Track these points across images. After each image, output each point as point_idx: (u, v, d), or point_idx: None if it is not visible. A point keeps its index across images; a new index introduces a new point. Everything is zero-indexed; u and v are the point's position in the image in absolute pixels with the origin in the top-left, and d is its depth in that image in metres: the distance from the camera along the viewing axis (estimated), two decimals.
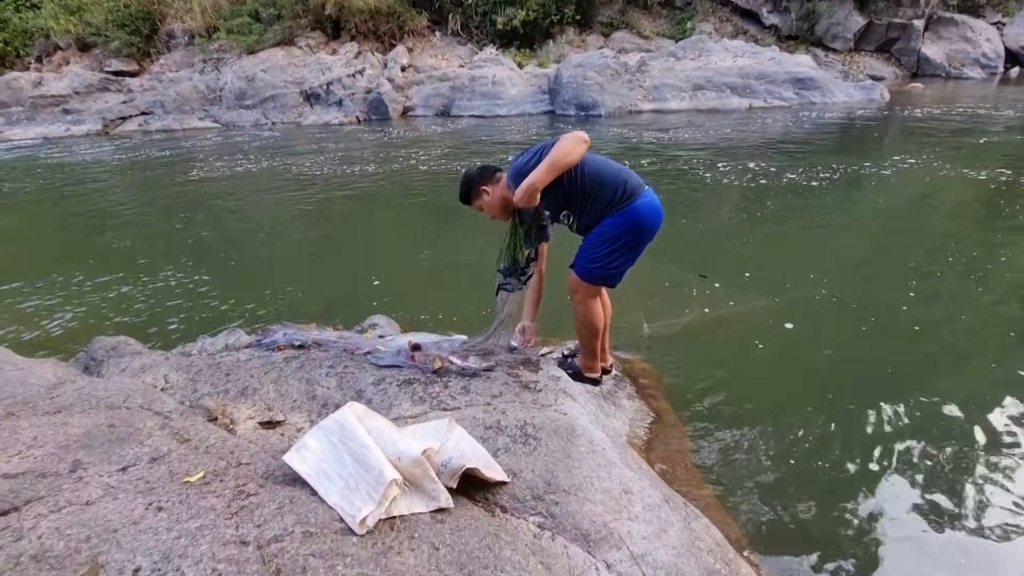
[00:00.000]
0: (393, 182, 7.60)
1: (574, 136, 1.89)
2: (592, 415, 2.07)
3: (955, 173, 6.29)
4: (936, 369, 2.71)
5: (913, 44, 14.93)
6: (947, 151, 7.37)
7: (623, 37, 15.43)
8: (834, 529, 1.91)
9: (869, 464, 2.17)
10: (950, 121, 9.61)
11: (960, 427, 2.34)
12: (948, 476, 2.11)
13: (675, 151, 8.31)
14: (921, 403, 2.48)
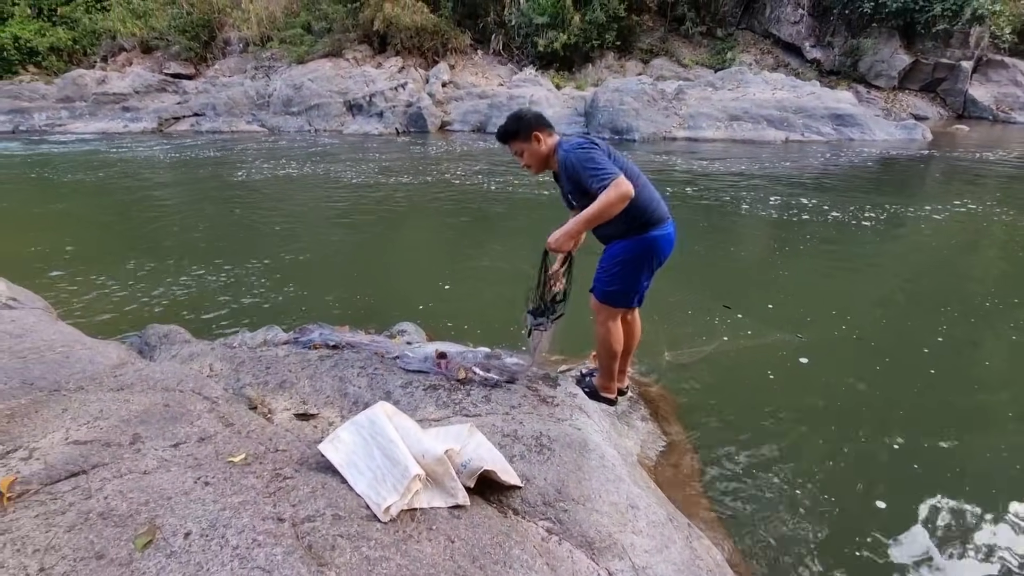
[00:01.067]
0: (427, 194, 7.84)
1: (622, 193, 1.92)
2: (605, 433, 2.16)
3: (997, 219, 6.19)
4: (946, 415, 2.71)
5: (960, 85, 14.68)
6: (990, 196, 7.24)
7: (662, 64, 15.59)
8: (832, 560, 1.95)
9: (872, 501, 2.20)
10: (995, 165, 9.41)
11: (963, 476, 2.34)
12: (947, 520, 2.12)
13: (708, 179, 8.36)
14: (926, 448, 2.49)
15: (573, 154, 2.04)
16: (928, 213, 6.38)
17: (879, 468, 2.40)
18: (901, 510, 2.17)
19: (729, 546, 1.98)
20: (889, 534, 2.06)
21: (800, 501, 2.21)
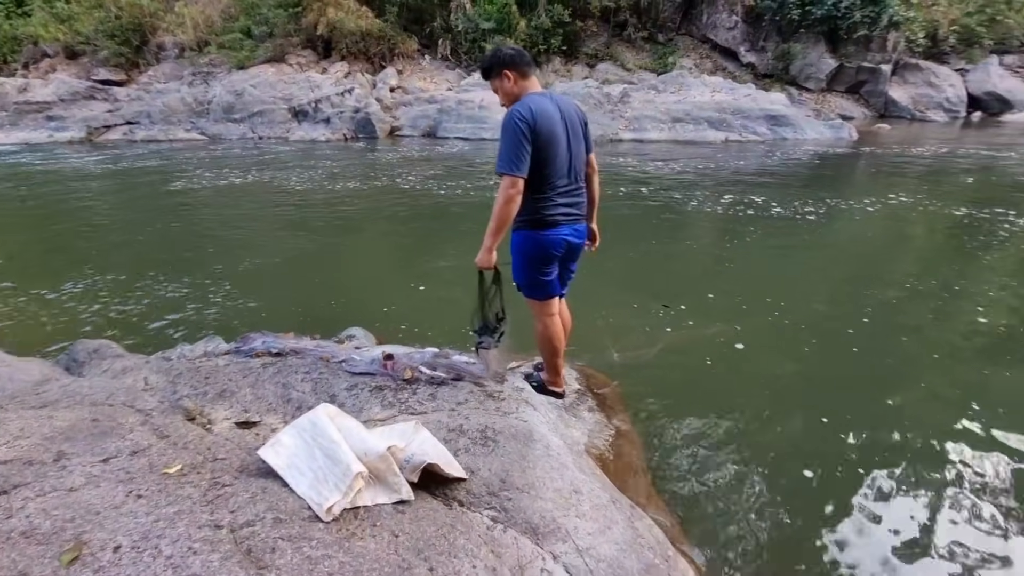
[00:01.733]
0: (379, 199, 7.76)
1: (507, 196, 1.99)
2: (551, 424, 2.22)
3: (921, 210, 6.68)
4: (867, 391, 2.92)
5: (881, 87, 15.75)
6: (913, 189, 7.80)
7: (607, 68, 15.99)
8: (768, 529, 2.07)
9: (801, 471, 2.34)
10: (914, 160, 10.15)
11: (881, 445, 2.53)
12: (869, 487, 2.28)
13: (658, 179, 8.64)
14: (849, 420, 2.67)
15: (507, 120, 2.05)
16: (862, 206, 6.81)
17: (808, 441, 2.56)
18: (829, 479, 2.33)
19: (671, 523, 2.07)
20: (818, 503, 2.21)
21: (737, 476, 2.33)
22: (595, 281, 4.32)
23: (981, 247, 5.30)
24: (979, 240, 5.48)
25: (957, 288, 4.31)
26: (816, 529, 2.09)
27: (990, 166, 9.52)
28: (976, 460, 2.41)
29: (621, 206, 7.04)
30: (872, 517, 2.14)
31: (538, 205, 2.13)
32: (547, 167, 2.08)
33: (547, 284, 2.25)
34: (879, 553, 1.98)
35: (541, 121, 2.03)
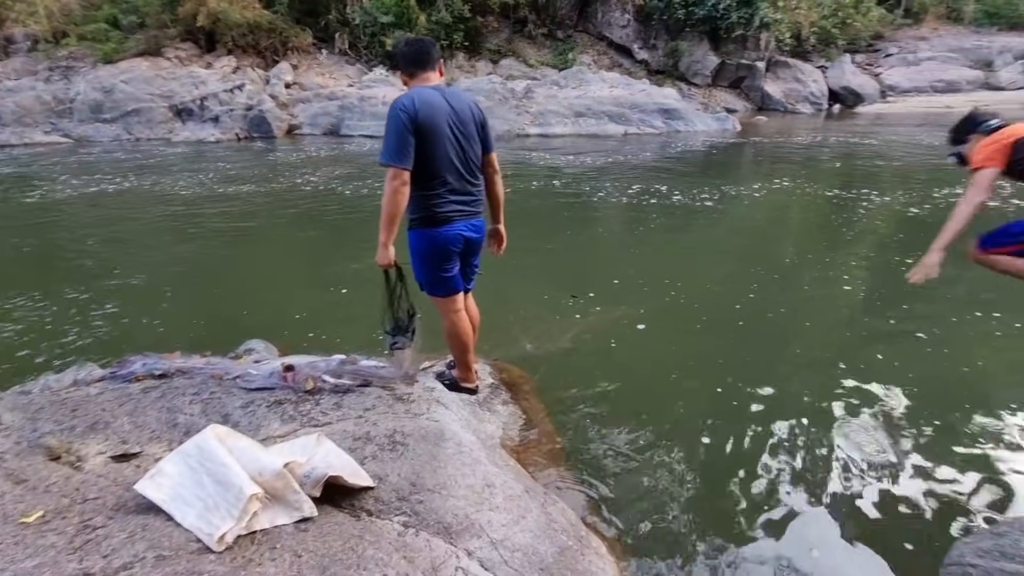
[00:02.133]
0: (279, 203, 7.33)
1: (393, 187, 1.98)
2: (464, 421, 2.22)
3: (796, 193, 7.39)
4: (753, 359, 3.21)
5: (758, 82, 17.24)
6: (789, 174, 8.61)
7: (510, 64, 16.16)
8: (677, 497, 2.21)
9: (703, 438, 2.53)
10: (790, 148, 11.22)
11: (768, 409, 2.79)
12: (760, 448, 2.51)
13: (562, 173, 8.88)
14: (739, 387, 2.92)
15: (389, 110, 2.03)
16: (750, 191, 7.42)
17: (705, 410, 2.76)
18: (725, 443, 2.52)
19: (585, 503, 2.15)
20: (718, 466, 2.39)
21: (644, 450, 2.46)
22: (507, 275, 4.37)
23: (846, 224, 5.97)
24: (844, 217, 6.17)
25: (827, 260, 4.84)
26: (719, 491, 2.26)
27: (852, 152, 10.76)
28: (850, 412, 2.72)
29: (533, 200, 7.18)
30: (768, 473, 2.34)
31: (429, 202, 2.11)
32: (432, 161, 2.07)
33: (448, 280, 2.24)
34: (778, 507, 2.18)
35: (423, 112, 2.01)
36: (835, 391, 2.88)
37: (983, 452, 2.43)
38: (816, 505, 2.19)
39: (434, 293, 2.28)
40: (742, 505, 2.19)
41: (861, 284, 4.33)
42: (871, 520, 2.11)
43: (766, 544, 2.01)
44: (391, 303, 2.23)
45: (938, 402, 2.78)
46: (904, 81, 17.76)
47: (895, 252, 4.94)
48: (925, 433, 2.56)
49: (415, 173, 2.06)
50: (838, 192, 7.30)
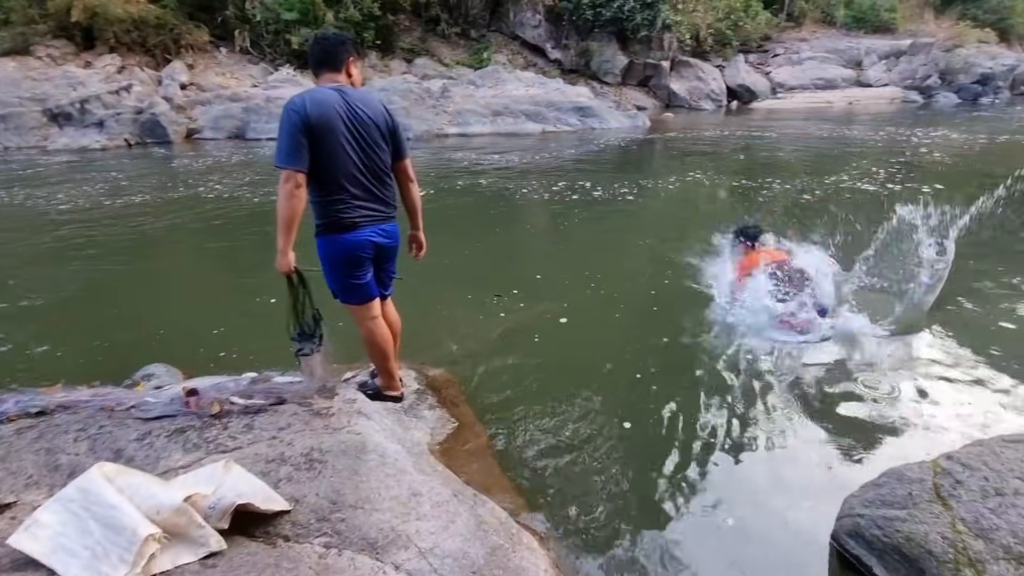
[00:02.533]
0: (179, 213, 6.78)
1: (286, 191, 1.92)
2: (389, 430, 2.16)
3: (705, 184, 7.85)
4: (664, 340, 3.39)
5: (664, 81, 18.15)
6: (699, 167, 9.13)
7: (425, 64, 15.94)
8: (604, 483, 2.28)
9: (625, 424, 2.63)
10: (697, 143, 11.91)
11: (681, 387, 2.95)
12: (677, 424, 2.65)
13: (485, 172, 8.88)
14: (654, 372, 3.07)
15: (282, 111, 1.96)
16: (665, 184, 7.77)
17: (625, 397, 2.87)
18: (646, 429, 2.63)
19: (516, 500, 2.17)
20: (641, 450, 2.49)
21: (570, 441, 2.52)
22: (430, 277, 4.31)
23: (750, 211, 6.42)
24: (748, 205, 6.63)
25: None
26: (643, 475, 2.35)
27: (751, 145, 11.59)
28: (763, 390, 2.93)
29: (457, 200, 7.13)
30: (686, 453, 2.47)
31: (333, 208, 2.04)
32: (331, 164, 2.00)
33: (361, 287, 2.18)
34: (696, 484, 2.30)
35: (315, 112, 1.94)
36: (746, 371, 3.09)
37: (867, 415, 2.70)
38: (731, 478, 2.34)
39: (347, 301, 2.20)
40: (664, 486, 2.30)
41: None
42: (781, 485, 2.28)
43: (687, 520, 2.12)
44: (295, 309, 2.15)
45: (837, 375, 3.06)
46: (790, 79, 19.37)
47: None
48: (824, 402, 2.81)
49: (315, 177, 1.99)
50: (744, 182, 7.86)
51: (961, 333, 3.36)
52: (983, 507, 1.62)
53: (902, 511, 1.75)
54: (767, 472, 2.36)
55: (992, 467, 1.72)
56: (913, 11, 21.01)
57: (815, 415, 2.69)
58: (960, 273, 3.67)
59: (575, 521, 2.12)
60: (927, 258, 3.44)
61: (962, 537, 1.58)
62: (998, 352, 3.16)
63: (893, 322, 3.37)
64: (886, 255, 3.74)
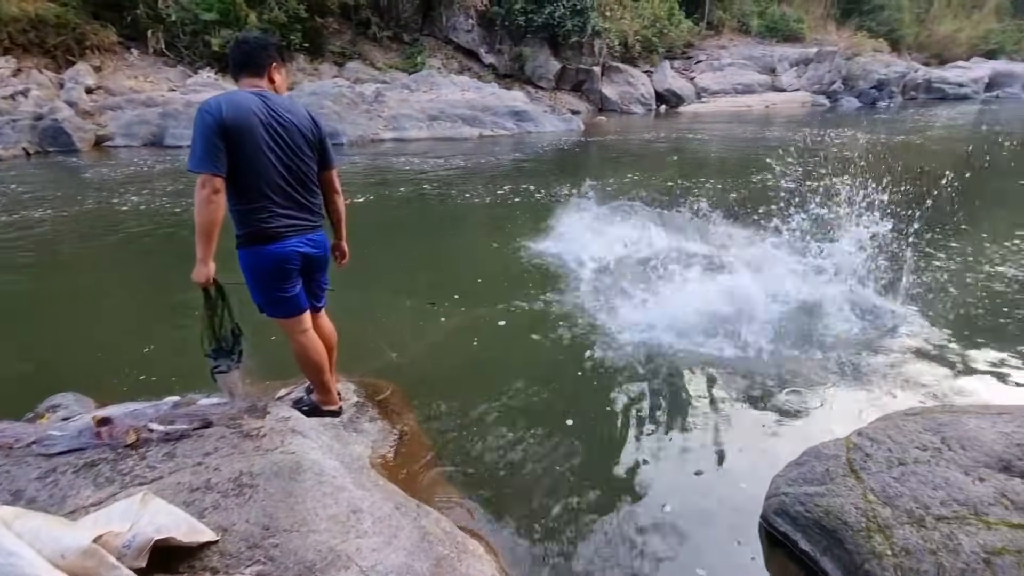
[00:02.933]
0: (90, 227, 6.26)
1: (203, 197, 1.81)
2: (326, 447, 2.09)
3: (643, 185, 8.09)
4: (607, 334, 3.48)
5: (596, 85, 18.67)
6: (635, 168, 9.44)
7: (357, 67, 15.59)
8: (549, 482, 2.30)
9: (567, 421, 2.67)
10: (631, 145, 12.32)
11: (626, 378, 3.04)
12: (627, 418, 2.73)
13: (423, 177, 8.77)
14: (588, 366, 3.15)
15: (195, 115, 1.86)
16: (603, 185, 7.95)
17: (569, 395, 2.92)
18: (587, 426, 2.68)
19: (461, 509, 2.15)
20: (585, 450, 2.53)
21: (515, 442, 2.54)
22: (368, 286, 4.21)
23: (682, 204, 6.69)
24: (683, 203, 6.90)
25: None
26: (586, 470, 2.40)
27: (682, 146, 12.13)
28: (702, 378, 3.05)
29: (397, 206, 7.00)
30: (625, 445, 2.54)
31: (255, 217, 1.95)
32: (251, 170, 1.91)
33: (289, 300, 2.09)
34: (635, 477, 2.37)
35: (231, 115, 1.85)
36: (679, 364, 3.21)
37: (792, 399, 2.89)
38: (668, 467, 2.43)
39: (275, 315, 2.11)
40: (606, 482, 2.35)
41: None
42: (715, 471, 2.39)
43: (629, 514, 2.18)
44: (211, 322, 2.03)
45: (764, 364, 3.25)
46: (713, 84, 20.45)
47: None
48: (753, 390, 2.97)
49: (234, 184, 1.90)
50: (680, 181, 8.21)
51: (875, 317, 3.66)
52: (888, 477, 1.77)
53: (821, 487, 1.88)
54: (702, 459, 2.47)
55: (895, 439, 1.88)
56: (818, 22, 22.73)
57: (746, 402, 2.85)
58: (875, 260, 4.00)
59: (521, 524, 2.13)
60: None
61: (872, 506, 1.72)
62: (907, 332, 3.47)
63: (814, 307, 3.63)
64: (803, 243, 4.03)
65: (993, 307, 3.87)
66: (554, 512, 2.18)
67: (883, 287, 3.99)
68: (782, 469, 2.08)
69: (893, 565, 1.59)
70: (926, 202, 4.98)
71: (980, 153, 10.76)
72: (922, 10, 24.16)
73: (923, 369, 3.11)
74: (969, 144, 11.86)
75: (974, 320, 3.69)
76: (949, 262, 4.69)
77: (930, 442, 1.82)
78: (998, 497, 1.60)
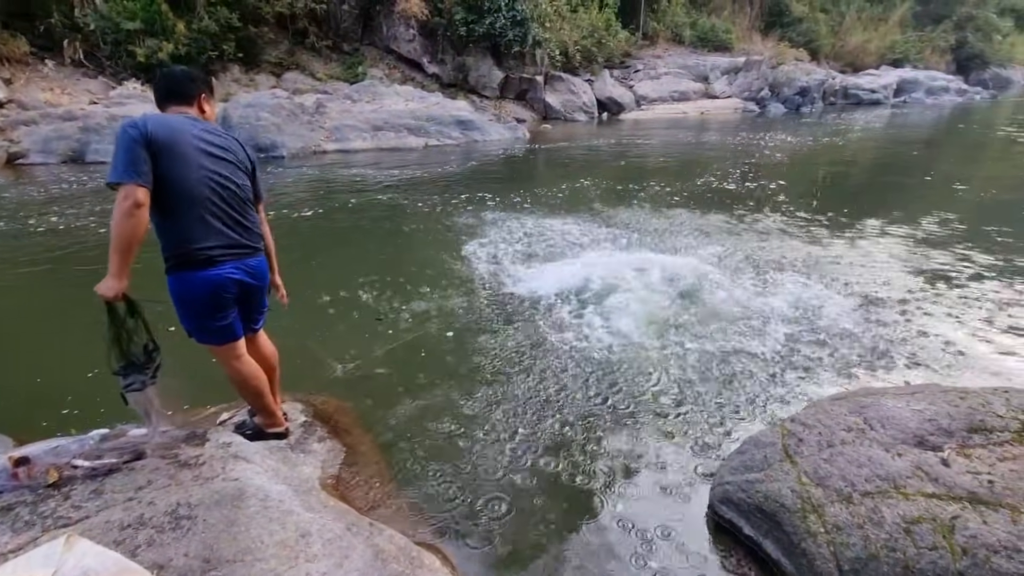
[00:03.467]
0: (2, 254, 5.78)
1: (123, 209, 1.68)
2: (272, 470, 2.02)
3: (594, 190, 8.25)
4: (553, 339, 3.54)
5: (539, 94, 18.97)
6: (584, 173, 9.61)
7: (296, 78, 15.19)
8: (504, 490, 2.30)
9: (519, 429, 2.69)
10: (577, 152, 12.59)
11: (573, 382, 3.10)
12: (578, 424, 2.77)
13: (369, 189, 8.61)
14: (534, 368, 3.19)
15: (117, 134, 1.76)
16: (555, 192, 8.06)
17: (519, 403, 2.92)
18: (539, 432, 2.71)
19: (415, 523, 2.13)
20: (534, 454, 2.55)
21: (468, 455, 2.53)
22: (312, 301, 4.11)
23: (637, 208, 6.89)
24: (631, 203, 7.11)
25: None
26: (539, 477, 2.42)
27: (625, 152, 12.48)
28: (651, 384, 3.14)
29: (344, 218, 6.84)
30: (575, 448, 2.58)
31: (185, 237, 1.85)
32: (181, 187, 1.81)
33: (222, 330, 1.99)
34: (587, 479, 2.41)
35: (157, 130, 1.77)
36: (636, 364, 3.30)
37: (734, 390, 3.02)
38: (620, 467, 2.48)
39: (205, 341, 2.01)
40: (561, 486, 2.38)
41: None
42: (666, 466, 2.47)
43: (586, 517, 2.21)
44: (118, 339, 1.87)
45: (708, 357, 3.38)
46: (651, 92, 21.20)
47: (671, 234, 5.86)
48: (699, 382, 3.09)
49: (163, 202, 1.80)
50: (629, 185, 8.47)
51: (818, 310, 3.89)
52: (819, 459, 1.88)
53: (760, 473, 1.98)
54: (652, 456, 2.54)
55: (824, 423, 2.01)
56: (744, 33, 24.04)
57: (694, 397, 2.96)
58: (796, 249, 4.25)
59: (476, 533, 2.12)
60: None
61: (806, 488, 1.83)
62: (824, 321, 3.70)
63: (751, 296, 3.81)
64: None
65: (898, 291, 4.20)
66: (508, 518, 2.19)
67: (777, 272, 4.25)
68: (726, 458, 2.18)
69: (826, 542, 1.69)
70: (846, 196, 5.34)
71: (893, 153, 11.68)
72: (836, 23, 25.99)
73: (844, 354, 3.33)
74: (884, 145, 12.85)
75: (879, 304, 3.98)
76: (853, 249, 5.05)
77: (855, 423, 1.95)
78: (914, 470, 1.74)
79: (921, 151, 12.04)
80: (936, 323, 3.75)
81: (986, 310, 3.94)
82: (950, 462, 1.72)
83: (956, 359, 3.31)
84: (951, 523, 1.58)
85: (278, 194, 8.09)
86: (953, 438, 1.80)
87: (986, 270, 4.70)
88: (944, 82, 25.43)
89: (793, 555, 1.78)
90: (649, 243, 5.48)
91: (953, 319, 3.81)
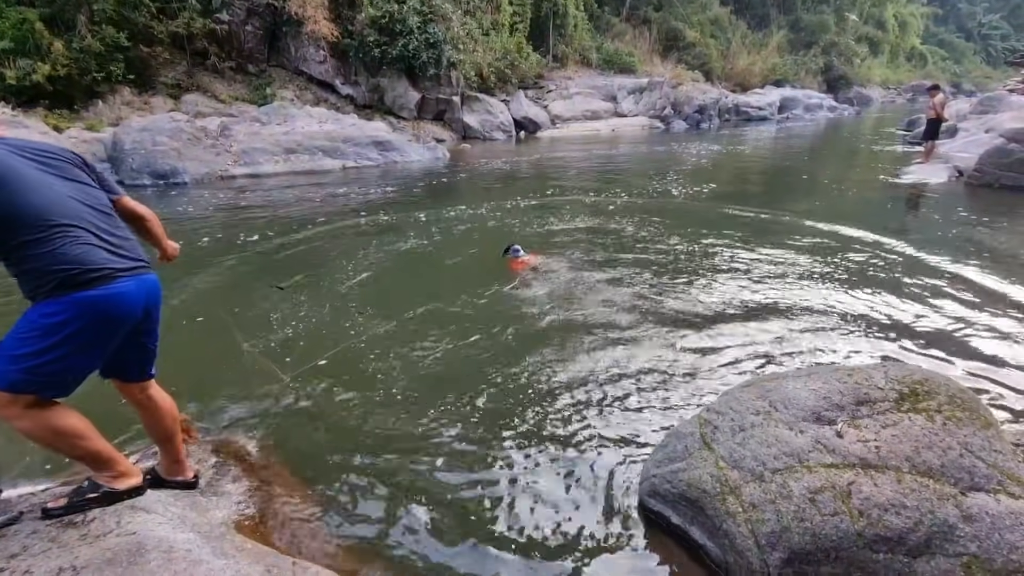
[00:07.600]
0: None
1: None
2: (179, 518, 1.84)
3: (516, 206, 8.36)
4: (490, 352, 3.54)
5: (457, 115, 19.14)
6: (505, 190, 9.78)
7: (196, 100, 14.33)
8: (440, 521, 2.24)
9: (457, 445, 2.64)
10: (497, 170, 12.78)
11: (498, 393, 3.10)
12: (512, 432, 2.76)
13: (276, 214, 8.22)
14: (484, 380, 3.18)
15: None
16: (479, 209, 8.08)
17: (452, 411, 2.88)
18: (466, 449, 2.67)
19: (342, 555, 2.02)
20: (466, 470, 2.51)
21: (393, 478, 2.45)
22: (217, 332, 3.85)
23: (548, 223, 7.05)
24: (555, 218, 7.28)
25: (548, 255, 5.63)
26: (472, 493, 2.38)
27: (544, 169, 12.89)
28: (594, 384, 3.19)
29: (257, 246, 6.47)
30: (510, 461, 2.57)
31: (60, 251, 1.56)
32: (32, 200, 1.56)
33: (72, 379, 1.65)
34: (530, 489, 2.40)
35: None
36: (557, 368, 3.35)
37: (659, 385, 3.15)
38: (559, 474, 2.50)
39: (17, 386, 1.54)
40: (494, 498, 2.35)
41: (576, 271, 5.16)
42: (598, 468, 2.51)
43: (526, 532, 2.19)
44: None
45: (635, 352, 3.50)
46: (565, 111, 22.05)
47: (595, 245, 6.04)
48: (628, 381, 3.19)
49: (18, 226, 1.53)
50: (551, 198, 8.71)
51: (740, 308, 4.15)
52: (733, 443, 2.00)
53: (682, 463, 2.06)
54: (586, 460, 2.57)
55: (736, 409, 2.13)
56: (646, 56, 25.73)
57: (624, 398, 3.05)
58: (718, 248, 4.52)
59: (405, 558, 2.05)
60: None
61: (723, 472, 1.93)
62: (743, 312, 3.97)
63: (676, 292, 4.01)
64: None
65: (793, 284, 4.61)
66: (441, 538, 2.13)
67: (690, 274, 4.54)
68: (651, 452, 2.25)
69: (744, 520, 1.79)
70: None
71: (779, 161, 12.87)
72: (724, 47, 28.53)
73: (750, 342, 3.59)
74: (772, 155, 14.14)
75: (780, 295, 4.35)
76: (759, 246, 5.50)
77: (762, 407, 2.09)
78: (814, 444, 1.89)
79: (808, 159, 13.38)
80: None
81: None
82: (843, 433, 1.89)
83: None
84: (848, 489, 1.72)
85: (181, 221, 7.55)
86: (844, 412, 1.98)
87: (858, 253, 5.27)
88: (819, 100, 28.55)
89: (716, 537, 1.86)
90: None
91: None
